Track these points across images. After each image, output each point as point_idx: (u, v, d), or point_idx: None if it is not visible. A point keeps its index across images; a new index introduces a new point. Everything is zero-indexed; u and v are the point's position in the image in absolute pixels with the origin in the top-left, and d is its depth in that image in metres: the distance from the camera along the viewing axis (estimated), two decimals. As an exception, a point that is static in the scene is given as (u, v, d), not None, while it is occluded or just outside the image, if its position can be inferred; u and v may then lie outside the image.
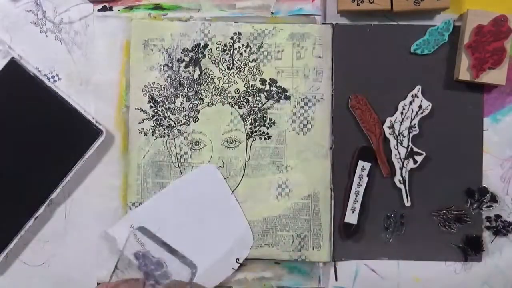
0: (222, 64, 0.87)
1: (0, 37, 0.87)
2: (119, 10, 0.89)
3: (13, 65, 0.85)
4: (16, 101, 0.86)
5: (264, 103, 0.87)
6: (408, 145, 0.86)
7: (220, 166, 0.87)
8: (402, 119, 0.86)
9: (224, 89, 0.87)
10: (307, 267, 0.88)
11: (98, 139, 0.86)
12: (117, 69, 0.89)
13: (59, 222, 0.88)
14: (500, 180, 0.88)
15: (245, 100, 0.87)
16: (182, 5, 0.89)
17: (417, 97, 0.87)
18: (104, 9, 0.89)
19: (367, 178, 0.86)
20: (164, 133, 0.87)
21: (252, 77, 0.87)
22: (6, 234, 0.85)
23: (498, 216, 0.87)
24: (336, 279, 0.88)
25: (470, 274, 0.88)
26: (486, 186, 0.87)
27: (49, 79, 0.87)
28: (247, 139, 0.87)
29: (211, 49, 0.87)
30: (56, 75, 0.88)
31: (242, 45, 0.87)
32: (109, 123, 0.88)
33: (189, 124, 0.87)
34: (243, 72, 0.87)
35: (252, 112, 0.87)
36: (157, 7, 0.89)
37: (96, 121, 0.86)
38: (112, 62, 0.89)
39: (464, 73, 0.85)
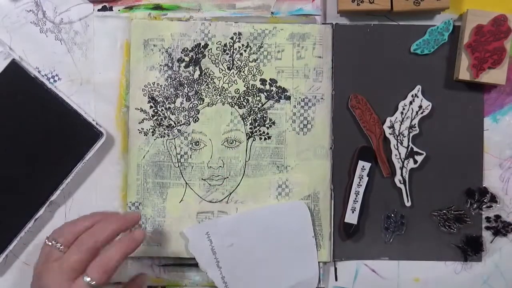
0: (222, 64, 0.87)
1: (1, 38, 0.87)
2: (119, 10, 0.88)
3: (14, 67, 0.85)
4: (17, 103, 0.85)
5: (264, 103, 0.87)
6: (408, 145, 0.86)
7: (220, 166, 0.87)
8: (402, 119, 0.86)
9: (224, 89, 0.87)
10: (307, 267, 0.88)
11: (98, 141, 0.85)
12: (117, 69, 0.88)
13: (59, 222, 0.87)
14: (499, 180, 0.88)
15: (245, 100, 0.87)
16: (182, 5, 0.88)
17: (417, 97, 0.87)
18: (104, 9, 0.88)
19: (367, 178, 0.86)
20: (164, 133, 0.87)
21: (252, 77, 0.87)
22: (6, 235, 0.85)
23: (497, 216, 0.87)
24: (336, 279, 0.88)
25: (470, 274, 0.88)
26: (486, 186, 0.87)
27: (49, 79, 0.87)
28: (247, 139, 0.87)
29: (211, 49, 0.87)
30: (56, 75, 0.88)
31: (242, 45, 0.87)
32: (109, 123, 0.88)
33: (189, 124, 0.87)
34: (243, 72, 0.87)
35: (252, 112, 0.87)
36: (157, 7, 0.88)
37: (97, 123, 0.86)
38: (112, 62, 0.88)
39: (464, 73, 0.85)
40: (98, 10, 0.88)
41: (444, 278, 0.88)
